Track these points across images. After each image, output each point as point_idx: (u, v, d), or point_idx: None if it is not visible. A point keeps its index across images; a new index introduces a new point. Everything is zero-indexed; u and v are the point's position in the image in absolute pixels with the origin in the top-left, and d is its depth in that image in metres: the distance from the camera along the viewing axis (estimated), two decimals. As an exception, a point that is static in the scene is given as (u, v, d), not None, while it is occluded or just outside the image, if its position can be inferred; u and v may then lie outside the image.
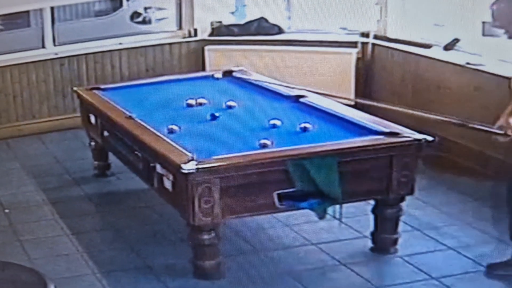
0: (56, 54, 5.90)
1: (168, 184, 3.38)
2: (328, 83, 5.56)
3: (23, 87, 5.82)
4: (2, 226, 4.11)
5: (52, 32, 5.93)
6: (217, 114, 3.95)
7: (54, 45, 5.95)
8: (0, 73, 5.72)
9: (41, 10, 5.90)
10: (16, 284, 2.46)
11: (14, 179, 4.90)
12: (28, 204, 4.43)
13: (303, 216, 3.72)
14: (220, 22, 6.26)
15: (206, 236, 3.30)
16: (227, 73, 4.88)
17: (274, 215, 3.82)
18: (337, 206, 3.40)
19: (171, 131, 3.69)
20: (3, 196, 4.57)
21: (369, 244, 3.65)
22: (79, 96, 4.79)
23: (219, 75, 4.87)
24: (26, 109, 5.85)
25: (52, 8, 5.93)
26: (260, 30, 6.13)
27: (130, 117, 3.94)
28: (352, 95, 5.66)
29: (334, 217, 3.45)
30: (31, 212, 4.31)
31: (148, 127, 3.75)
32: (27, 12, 5.94)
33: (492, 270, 3.39)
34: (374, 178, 3.44)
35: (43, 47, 5.93)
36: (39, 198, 4.53)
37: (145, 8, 6.36)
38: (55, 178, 4.90)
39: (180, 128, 3.73)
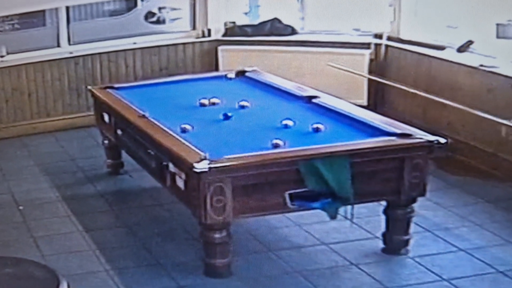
0: (71, 53, 5.94)
1: (180, 182, 3.39)
2: (341, 84, 5.55)
3: (38, 86, 5.86)
4: (16, 223, 4.14)
5: (67, 31, 5.98)
6: (229, 114, 3.96)
7: (69, 44, 6.00)
8: (15, 72, 5.77)
9: (56, 9, 5.94)
10: (29, 280, 2.47)
11: (28, 176, 4.94)
12: (41, 201, 4.46)
13: (315, 216, 3.72)
14: (234, 22, 6.27)
15: (217, 235, 3.30)
16: (240, 73, 4.90)
17: (286, 214, 3.82)
18: (349, 207, 3.39)
19: (184, 130, 3.70)
20: (17, 193, 4.60)
21: (380, 244, 3.64)
22: (93, 94, 4.81)
23: (232, 75, 4.89)
24: (41, 107, 5.90)
25: (67, 8, 5.97)
26: (273, 31, 6.14)
27: (143, 116, 3.95)
28: (365, 96, 5.65)
29: (346, 217, 3.45)
30: (45, 209, 4.34)
31: (161, 126, 3.77)
32: (43, 11, 5.99)
33: None
34: (386, 179, 3.42)
35: (58, 46, 5.97)
36: (53, 195, 4.56)
37: (160, 8, 6.39)
38: (69, 175, 4.93)
39: (193, 127, 3.74)
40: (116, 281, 3.43)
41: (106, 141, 4.75)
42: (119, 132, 4.34)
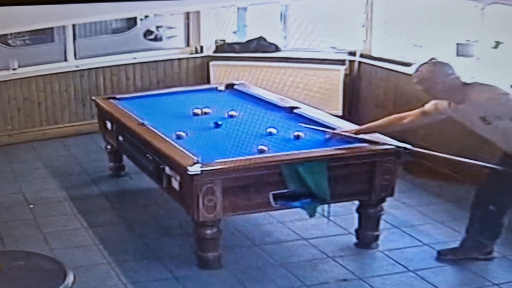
0: (76, 66, 5.92)
1: (175, 184, 3.39)
2: (319, 96, 5.59)
3: (47, 96, 5.84)
4: (26, 220, 4.12)
5: (74, 47, 5.96)
6: (220, 122, 3.97)
7: (75, 58, 5.97)
8: (26, 83, 5.74)
9: (64, 27, 5.92)
10: (39, 272, 2.47)
11: (38, 177, 4.91)
12: (50, 200, 4.44)
13: (296, 214, 3.73)
14: (224, 40, 6.29)
15: (208, 231, 3.32)
16: (229, 86, 4.91)
17: (270, 213, 3.83)
18: (326, 206, 3.43)
19: (178, 137, 3.71)
20: (28, 192, 4.58)
21: (354, 240, 3.67)
22: (97, 104, 4.80)
23: (222, 87, 4.91)
24: (50, 115, 5.87)
25: (73, 25, 5.95)
26: (259, 48, 6.16)
27: (142, 124, 3.95)
28: (340, 107, 5.70)
29: (323, 215, 3.48)
30: (53, 207, 4.32)
31: (158, 133, 3.77)
32: (51, 28, 5.96)
33: (442, 256, 3.45)
34: (359, 181, 3.46)
35: (65, 60, 5.95)
36: (60, 195, 4.54)
37: (157, 27, 6.39)
38: (75, 177, 4.91)
39: (186, 134, 3.75)
40: (117, 272, 3.42)
41: (108, 146, 4.74)
42: (120, 138, 4.33)
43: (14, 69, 5.71)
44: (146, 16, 6.37)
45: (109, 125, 4.54)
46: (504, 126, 3.16)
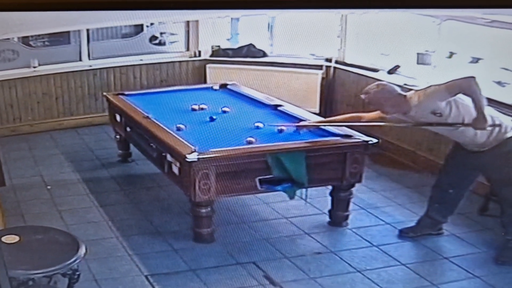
0: (90, 66, 5.86)
1: (175, 169, 3.38)
2: (299, 96, 5.59)
3: (63, 91, 5.77)
4: (45, 199, 4.09)
5: (87, 48, 5.89)
6: (214, 117, 3.97)
7: (89, 59, 5.91)
8: (45, 80, 5.68)
9: (79, 31, 5.85)
10: (55, 245, 2.46)
11: (55, 162, 4.87)
12: (65, 182, 4.41)
13: (278, 196, 3.74)
14: (219, 46, 6.26)
15: (203, 210, 3.32)
16: (223, 86, 4.90)
17: (256, 195, 3.84)
18: (304, 190, 3.45)
19: (178, 129, 3.70)
20: (46, 175, 4.54)
21: (327, 219, 3.70)
22: (107, 99, 4.76)
23: (216, 87, 4.89)
24: (66, 108, 5.81)
25: (87, 30, 5.88)
26: (249, 54, 6.15)
27: (147, 117, 3.93)
28: (317, 106, 5.71)
29: (301, 198, 3.50)
30: (68, 188, 4.29)
31: (161, 125, 3.75)
32: (68, 32, 5.89)
33: (404, 233, 3.49)
34: (332, 169, 3.48)
35: (80, 60, 5.88)
36: (74, 177, 4.51)
37: (161, 33, 6.34)
38: (88, 162, 4.87)
39: (186, 126, 3.75)
40: (124, 245, 3.42)
41: (117, 136, 4.71)
42: (128, 129, 4.31)
43: (34, 67, 5.64)
44: (152, 24, 6.32)
45: (118, 117, 4.51)
46: (453, 120, 3.20)
